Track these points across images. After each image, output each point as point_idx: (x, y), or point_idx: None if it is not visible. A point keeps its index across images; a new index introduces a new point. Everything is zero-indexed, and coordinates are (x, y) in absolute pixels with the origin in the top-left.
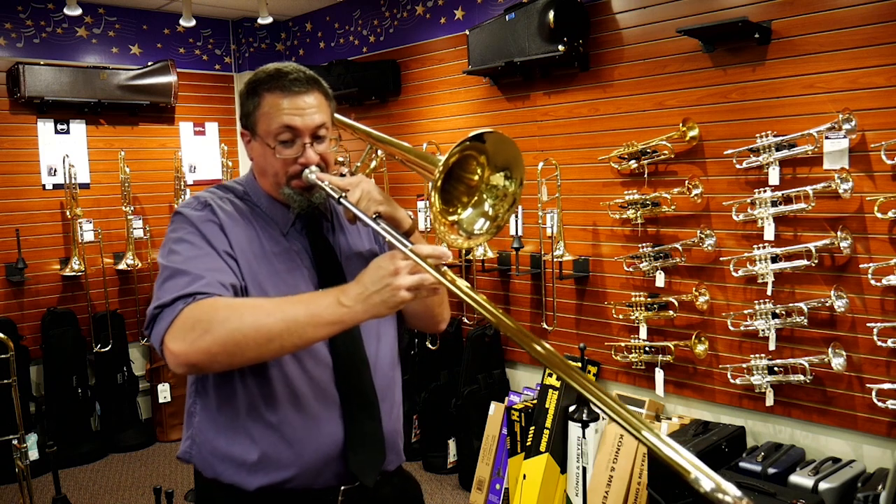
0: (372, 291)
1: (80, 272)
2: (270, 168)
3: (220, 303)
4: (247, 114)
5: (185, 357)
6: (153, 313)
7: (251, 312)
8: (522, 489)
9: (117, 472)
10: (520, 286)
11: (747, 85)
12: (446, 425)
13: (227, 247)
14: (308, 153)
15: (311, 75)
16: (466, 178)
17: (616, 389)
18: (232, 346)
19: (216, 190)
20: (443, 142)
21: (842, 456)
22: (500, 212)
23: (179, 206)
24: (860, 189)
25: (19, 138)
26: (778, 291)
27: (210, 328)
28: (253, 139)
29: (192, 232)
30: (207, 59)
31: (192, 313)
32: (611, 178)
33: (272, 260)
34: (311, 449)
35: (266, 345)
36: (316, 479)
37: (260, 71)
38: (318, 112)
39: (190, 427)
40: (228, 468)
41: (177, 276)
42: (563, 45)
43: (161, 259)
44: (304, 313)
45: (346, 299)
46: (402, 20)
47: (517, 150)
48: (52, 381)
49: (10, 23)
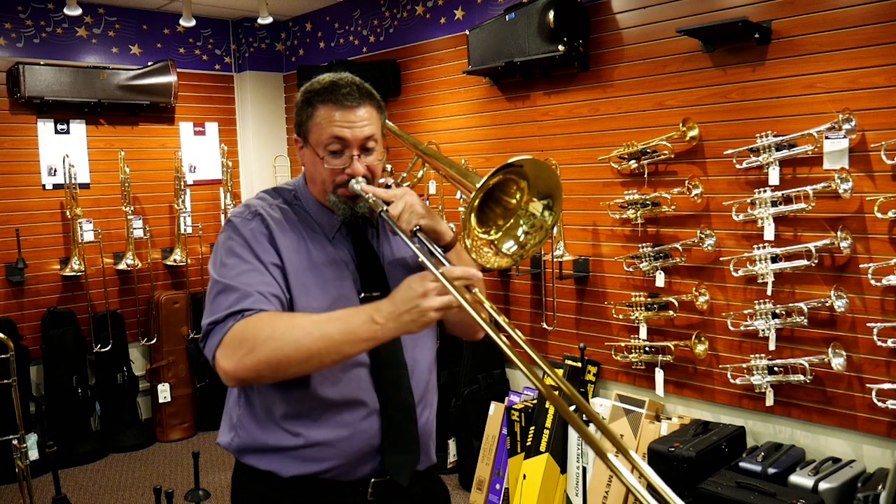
0: (402, 311)
1: (80, 272)
2: (319, 176)
3: (263, 321)
4: (300, 122)
5: (234, 373)
6: (207, 329)
7: (291, 332)
8: (522, 489)
9: (117, 472)
10: (520, 286)
11: (747, 85)
12: (446, 425)
13: (276, 258)
14: (355, 165)
15: (365, 89)
16: (505, 200)
17: (616, 389)
18: (275, 363)
19: (266, 196)
20: (443, 142)
21: (842, 456)
22: (530, 241)
23: (231, 214)
24: (860, 189)
25: (19, 138)
26: (778, 291)
27: (255, 347)
28: (305, 147)
29: (242, 244)
30: (207, 59)
31: (239, 332)
32: (611, 178)
33: (320, 268)
34: (349, 444)
35: (306, 362)
36: (350, 471)
37: (315, 82)
38: (368, 125)
39: (231, 417)
40: (266, 457)
41: (227, 292)
42: (563, 45)
43: (212, 271)
44: (340, 331)
45: (378, 317)
46: (402, 20)
47: (558, 179)
48: (52, 381)
49: (10, 23)
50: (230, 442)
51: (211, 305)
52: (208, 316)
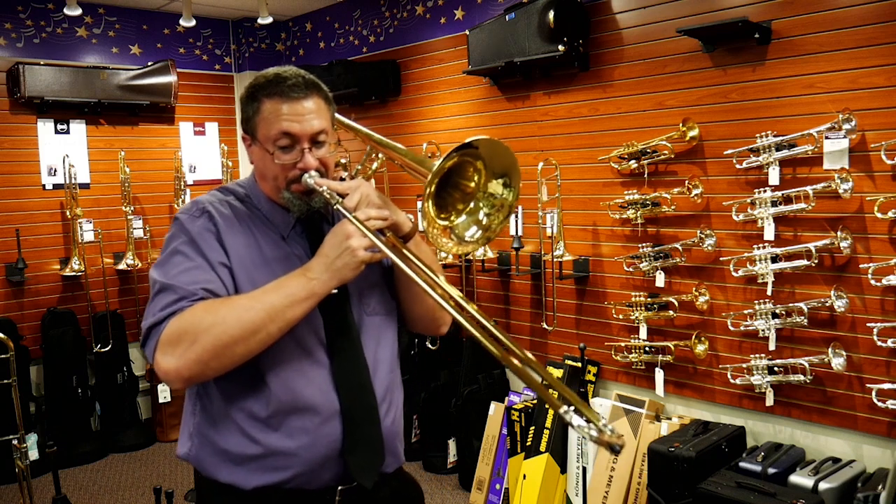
0: (333, 258)
1: (80, 272)
2: (270, 172)
3: (199, 311)
4: (247, 118)
5: (177, 371)
6: (146, 332)
7: (230, 311)
8: (522, 489)
9: (117, 472)
10: (520, 286)
11: (747, 85)
12: (446, 425)
13: (223, 257)
14: (307, 158)
15: (311, 80)
16: (463, 184)
17: (616, 389)
18: (221, 348)
19: (217, 193)
20: (443, 142)
21: (842, 456)
22: (493, 222)
23: (179, 212)
24: (860, 189)
25: (19, 138)
26: (778, 291)
27: (196, 338)
28: (253, 143)
29: (187, 242)
30: (207, 59)
31: (176, 327)
32: (611, 178)
33: (272, 265)
34: (310, 450)
35: (252, 337)
36: (314, 479)
37: (260, 76)
38: (317, 117)
39: (189, 426)
40: (226, 468)
41: (166, 292)
42: (563, 45)
43: (154, 270)
44: (280, 297)
45: (312, 273)
46: (402, 20)
47: (513, 157)
48: (52, 381)
49: (10, 23)
50: (188, 452)
51: (150, 306)
52: (147, 317)
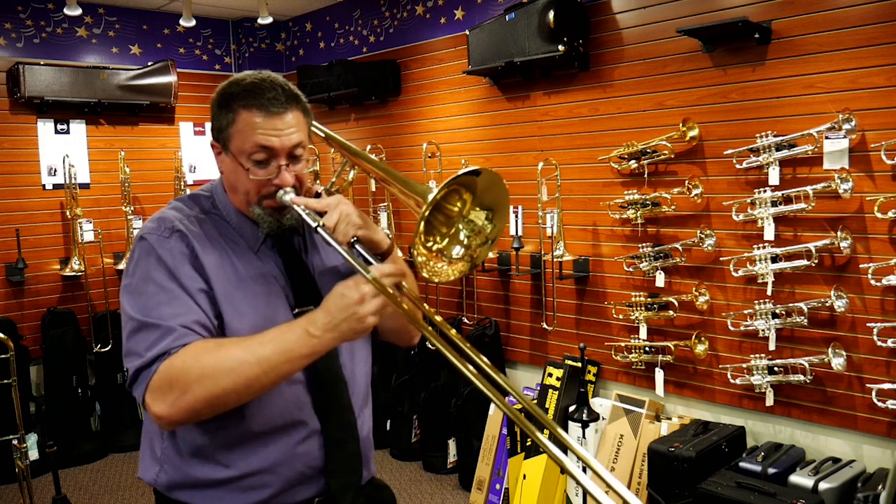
0: (340, 320)
1: (80, 272)
2: (241, 186)
3: (190, 358)
4: (219, 127)
5: (169, 417)
6: (133, 375)
7: (224, 364)
8: (522, 489)
9: (117, 472)
10: (520, 286)
11: (747, 85)
12: (446, 425)
13: (200, 282)
14: (283, 175)
15: (291, 92)
16: (447, 208)
17: (616, 389)
18: (213, 399)
19: (181, 205)
20: (443, 142)
21: (842, 456)
22: (473, 243)
23: (144, 231)
24: (860, 189)
25: (19, 138)
26: (778, 291)
27: (187, 388)
28: (224, 153)
29: (159, 268)
30: (207, 59)
31: (165, 374)
32: (611, 178)
33: (248, 283)
34: (288, 471)
35: (245, 391)
36: (291, 496)
37: (233, 82)
38: (296, 132)
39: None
40: (199, 493)
41: (147, 330)
42: (563, 45)
43: (125, 301)
44: (276, 352)
45: (314, 330)
46: (402, 20)
47: (507, 195)
48: (52, 381)
49: (10, 23)
50: (156, 478)
51: (129, 343)
52: (130, 358)
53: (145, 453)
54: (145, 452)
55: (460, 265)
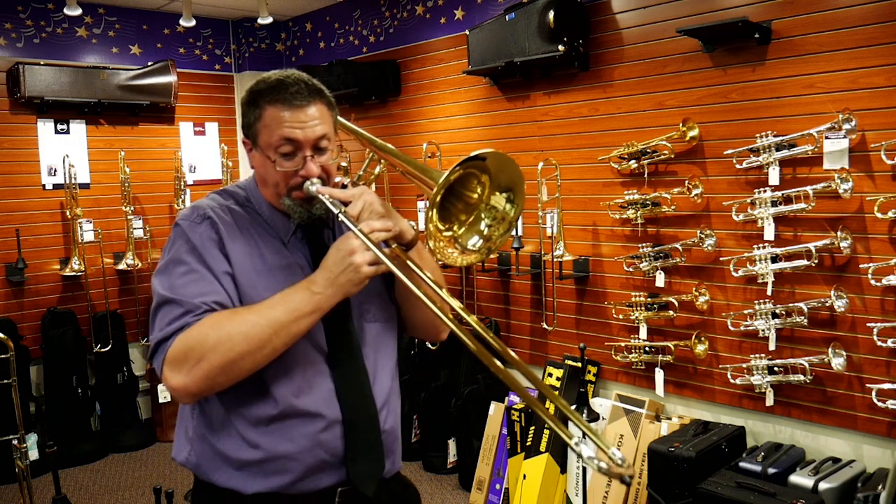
0: (337, 273)
1: (80, 272)
2: (271, 179)
3: (205, 327)
4: (248, 124)
5: (186, 387)
6: (153, 347)
7: (236, 327)
8: (522, 489)
9: (117, 472)
10: (520, 286)
11: (747, 85)
12: (446, 425)
13: (226, 266)
14: (309, 166)
15: (314, 86)
16: (466, 195)
17: (616, 389)
18: (228, 364)
19: (217, 196)
20: (443, 142)
21: (842, 456)
22: (494, 234)
23: (179, 217)
24: (860, 189)
25: (19, 138)
26: (778, 291)
27: (203, 355)
28: (254, 149)
29: (189, 250)
30: (207, 59)
31: (182, 344)
32: (611, 178)
33: (275, 273)
34: (310, 458)
35: (258, 352)
36: (313, 483)
37: (261, 80)
38: (319, 124)
39: (185, 430)
40: (225, 472)
41: (171, 305)
42: (563, 45)
43: (155, 279)
44: (284, 312)
45: (316, 287)
46: (402, 20)
47: (520, 173)
48: (52, 381)
49: (10, 23)
50: (188, 457)
51: (154, 318)
52: (154, 332)
53: (179, 435)
54: (180, 434)
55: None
